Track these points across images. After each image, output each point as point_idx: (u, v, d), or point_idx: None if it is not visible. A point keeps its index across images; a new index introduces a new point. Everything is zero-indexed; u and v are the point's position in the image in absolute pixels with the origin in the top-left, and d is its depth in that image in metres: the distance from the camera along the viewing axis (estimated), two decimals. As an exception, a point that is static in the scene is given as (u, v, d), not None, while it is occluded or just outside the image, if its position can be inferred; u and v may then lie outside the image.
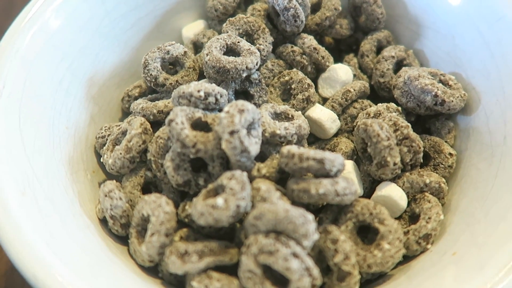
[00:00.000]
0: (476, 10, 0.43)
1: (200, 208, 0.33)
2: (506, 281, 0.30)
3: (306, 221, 0.31)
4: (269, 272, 0.32)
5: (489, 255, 0.32)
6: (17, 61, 0.39)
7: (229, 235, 0.36)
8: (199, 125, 0.37)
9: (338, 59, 0.49)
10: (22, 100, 0.38)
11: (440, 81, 0.43)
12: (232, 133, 0.33)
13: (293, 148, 0.35)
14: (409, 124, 0.39)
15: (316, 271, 0.31)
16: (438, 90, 0.41)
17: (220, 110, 0.39)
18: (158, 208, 0.35)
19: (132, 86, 0.46)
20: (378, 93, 0.47)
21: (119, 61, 0.48)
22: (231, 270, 0.33)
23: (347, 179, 0.35)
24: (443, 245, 0.36)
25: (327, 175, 0.34)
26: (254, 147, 0.35)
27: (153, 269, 0.37)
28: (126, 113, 0.47)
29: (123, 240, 0.39)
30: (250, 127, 0.36)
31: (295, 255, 0.31)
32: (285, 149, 0.35)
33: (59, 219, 0.34)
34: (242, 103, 0.34)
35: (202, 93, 0.37)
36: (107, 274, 0.33)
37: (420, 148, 0.38)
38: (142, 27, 0.49)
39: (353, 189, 0.34)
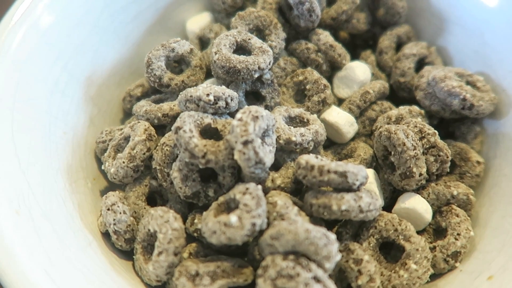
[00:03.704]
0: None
1: (212, 226, 0.31)
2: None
3: (329, 242, 0.29)
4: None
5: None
6: (8, 62, 0.36)
7: (241, 249, 0.34)
8: (208, 132, 0.34)
9: (353, 55, 0.46)
10: (15, 105, 0.35)
11: (467, 82, 0.40)
12: (245, 143, 0.31)
13: (312, 159, 0.32)
14: (436, 132, 0.36)
15: (338, 296, 0.29)
16: (466, 93, 0.38)
17: (230, 114, 0.36)
18: (165, 224, 0.33)
19: (134, 85, 0.43)
20: (398, 93, 0.44)
21: (119, 58, 0.45)
22: (246, 291, 0.31)
23: (371, 193, 0.32)
24: (475, 264, 0.34)
25: (349, 188, 0.32)
26: (268, 157, 0.32)
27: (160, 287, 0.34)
28: (127, 113, 0.45)
29: (128, 254, 0.37)
30: (264, 135, 0.33)
31: (316, 279, 0.29)
32: (303, 159, 0.32)
33: (58, 239, 0.32)
34: (256, 109, 0.32)
35: (211, 97, 0.34)
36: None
37: (448, 157, 0.36)
38: (143, 21, 0.46)
39: (377, 205, 0.32)
